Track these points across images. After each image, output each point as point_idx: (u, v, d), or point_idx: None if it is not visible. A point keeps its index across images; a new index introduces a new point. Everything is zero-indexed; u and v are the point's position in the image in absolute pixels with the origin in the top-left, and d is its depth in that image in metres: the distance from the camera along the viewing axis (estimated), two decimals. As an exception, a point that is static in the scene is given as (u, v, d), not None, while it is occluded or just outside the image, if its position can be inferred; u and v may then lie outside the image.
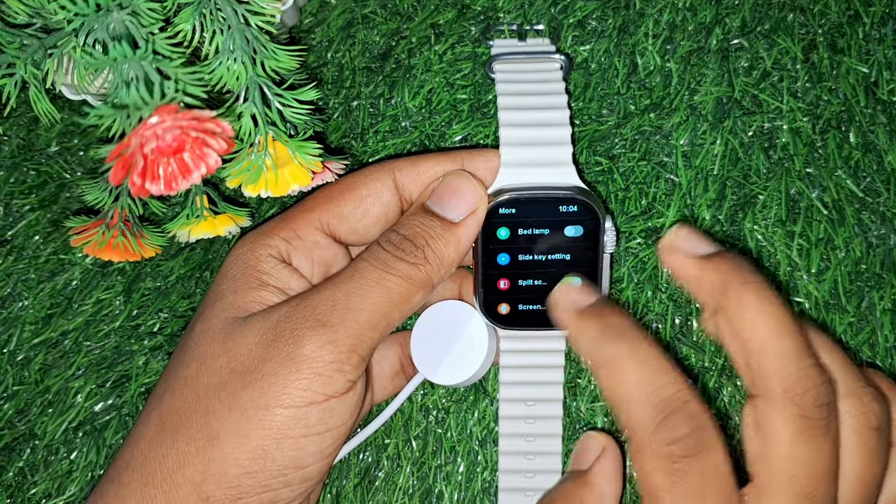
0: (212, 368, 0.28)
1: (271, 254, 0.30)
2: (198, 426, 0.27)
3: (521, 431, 0.33)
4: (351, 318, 0.27)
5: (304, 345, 0.27)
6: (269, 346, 0.27)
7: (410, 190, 0.31)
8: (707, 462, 0.23)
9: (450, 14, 0.38)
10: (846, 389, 0.25)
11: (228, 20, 0.29)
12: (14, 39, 0.28)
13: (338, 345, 0.27)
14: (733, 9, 0.36)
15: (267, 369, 0.27)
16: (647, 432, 0.24)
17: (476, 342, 0.32)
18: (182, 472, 0.27)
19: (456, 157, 0.31)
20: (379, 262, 0.29)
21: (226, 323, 0.29)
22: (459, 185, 0.30)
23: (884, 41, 0.35)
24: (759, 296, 0.24)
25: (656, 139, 0.35)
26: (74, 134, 0.39)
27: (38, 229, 0.38)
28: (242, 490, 0.26)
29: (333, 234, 0.31)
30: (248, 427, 0.27)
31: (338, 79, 0.38)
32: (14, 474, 0.36)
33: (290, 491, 0.27)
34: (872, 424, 0.25)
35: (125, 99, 0.25)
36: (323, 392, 0.27)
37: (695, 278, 0.26)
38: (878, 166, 0.34)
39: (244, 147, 0.30)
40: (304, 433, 0.27)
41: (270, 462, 0.27)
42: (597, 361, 0.26)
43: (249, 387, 0.27)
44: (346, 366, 0.27)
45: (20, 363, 0.37)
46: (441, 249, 0.29)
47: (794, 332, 0.24)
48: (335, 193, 0.31)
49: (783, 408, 0.24)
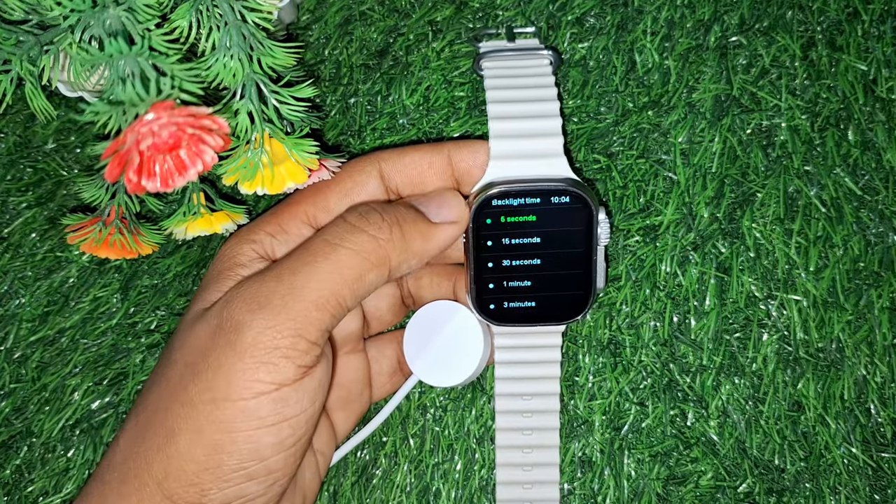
0: (171, 363, 0.28)
1: (253, 248, 0.30)
2: (159, 422, 0.27)
3: (518, 426, 0.33)
4: (294, 299, 0.26)
5: (243, 331, 0.26)
6: (213, 334, 0.26)
7: (396, 181, 0.31)
8: None
9: (447, 11, 0.37)
10: None
11: (225, 16, 0.28)
12: (10, 36, 0.28)
13: (279, 329, 0.26)
14: (732, 6, 0.36)
15: (211, 360, 0.26)
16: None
17: (471, 342, 0.32)
18: (148, 470, 0.26)
19: (442, 148, 0.31)
20: (332, 235, 0.27)
21: (192, 317, 0.28)
22: (448, 196, 0.30)
23: (883, 39, 0.35)
24: None
25: (655, 137, 0.35)
26: (71, 131, 0.39)
27: (35, 227, 0.38)
28: (203, 486, 0.26)
29: (320, 227, 0.31)
30: (198, 422, 0.26)
31: (335, 76, 0.38)
32: (11, 472, 0.36)
33: (256, 484, 0.26)
34: None
35: (121, 95, 0.25)
36: (271, 381, 0.26)
37: None
38: (876, 164, 0.34)
39: (241, 144, 0.30)
40: (256, 425, 0.26)
41: (226, 456, 0.26)
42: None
43: (197, 379, 0.26)
44: (293, 351, 0.26)
45: (17, 361, 0.37)
46: (410, 232, 0.28)
47: None
48: (321, 186, 0.31)
49: None
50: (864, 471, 0.33)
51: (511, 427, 0.33)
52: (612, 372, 0.34)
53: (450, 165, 0.31)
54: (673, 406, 0.34)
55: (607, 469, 0.34)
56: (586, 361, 0.34)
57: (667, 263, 0.34)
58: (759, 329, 0.34)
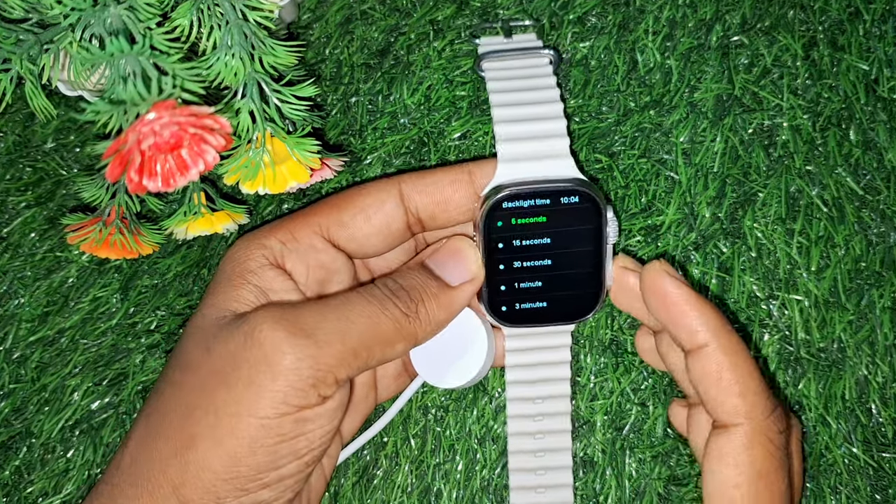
0: (192, 368, 0.28)
1: (263, 254, 0.30)
2: (177, 428, 0.27)
3: (530, 430, 0.32)
4: (337, 339, 0.27)
5: (285, 353, 0.26)
6: (246, 347, 0.27)
7: (417, 201, 0.31)
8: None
9: (448, 10, 0.37)
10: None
11: (226, 15, 0.28)
12: (10, 35, 0.28)
13: (318, 361, 0.26)
14: (734, 5, 0.36)
15: (243, 374, 0.27)
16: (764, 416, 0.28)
17: (476, 344, 0.32)
18: (163, 475, 0.26)
19: (463, 167, 0.31)
20: (373, 298, 0.28)
21: (210, 322, 0.29)
22: (461, 247, 0.31)
23: (884, 38, 0.35)
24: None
25: (656, 136, 0.35)
26: (71, 130, 0.39)
27: (35, 226, 0.38)
28: (219, 495, 0.26)
29: (332, 240, 0.31)
30: (220, 433, 0.26)
31: (336, 75, 0.38)
32: (10, 473, 0.36)
33: (269, 492, 0.27)
34: (800, 436, 0.30)
35: (122, 95, 0.25)
36: (296, 404, 0.26)
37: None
38: (878, 164, 0.34)
39: (242, 143, 0.30)
40: (277, 441, 0.27)
41: (244, 468, 0.26)
42: (724, 346, 0.28)
43: (225, 390, 0.27)
44: (322, 384, 0.27)
45: (16, 361, 0.37)
46: (433, 310, 0.29)
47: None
48: (338, 200, 0.31)
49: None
50: (865, 471, 0.33)
51: (522, 432, 0.32)
52: (613, 372, 0.34)
53: (472, 183, 0.31)
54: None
55: (609, 469, 0.34)
56: (588, 362, 0.34)
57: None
58: (761, 329, 0.34)
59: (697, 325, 0.28)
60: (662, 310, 0.29)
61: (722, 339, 0.28)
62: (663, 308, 0.29)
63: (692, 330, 0.28)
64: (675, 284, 0.29)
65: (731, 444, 0.27)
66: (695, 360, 0.28)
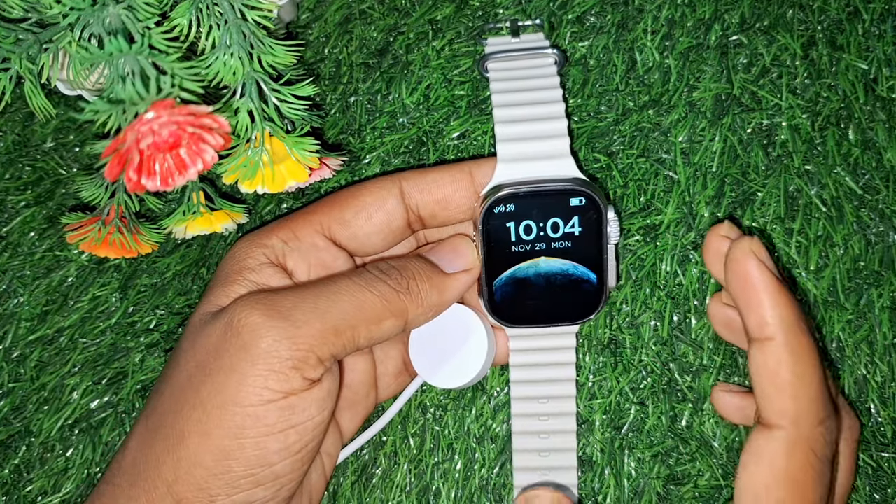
0: (181, 364, 0.28)
1: (264, 252, 0.30)
2: (170, 425, 0.27)
3: (535, 429, 0.32)
4: (316, 318, 0.27)
5: (262, 336, 0.26)
6: (226, 336, 0.27)
7: (417, 199, 0.31)
8: None
9: (448, 10, 0.37)
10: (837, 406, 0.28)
11: (225, 15, 0.28)
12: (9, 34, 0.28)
13: (297, 341, 0.26)
14: (732, 5, 0.36)
15: (224, 362, 0.26)
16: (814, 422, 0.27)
17: (476, 344, 0.32)
18: (158, 473, 0.26)
19: (463, 166, 0.31)
20: (360, 278, 0.28)
21: (200, 318, 0.29)
22: (458, 244, 0.31)
23: (883, 38, 0.35)
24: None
25: (655, 136, 0.35)
26: (70, 130, 0.39)
27: (34, 226, 0.38)
28: (212, 492, 0.26)
29: (334, 238, 0.31)
30: (208, 426, 0.26)
31: (335, 74, 0.38)
32: (10, 472, 0.36)
33: (264, 490, 0.27)
34: (857, 437, 0.29)
35: (121, 94, 0.25)
36: (280, 390, 0.26)
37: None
38: (877, 163, 0.34)
39: (241, 143, 0.30)
40: (264, 432, 0.26)
41: (234, 463, 0.26)
42: (791, 344, 0.27)
43: (208, 380, 0.26)
44: (304, 365, 0.26)
45: (16, 360, 0.37)
46: (425, 288, 0.29)
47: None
48: (339, 198, 0.31)
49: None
50: (864, 470, 0.33)
51: (527, 431, 0.32)
52: (612, 371, 0.34)
53: (472, 182, 0.31)
54: (671, 407, 0.34)
55: (608, 468, 0.34)
56: (587, 361, 0.34)
57: (667, 263, 0.34)
58: (760, 328, 0.34)
59: (769, 316, 0.26)
60: (740, 290, 0.27)
61: (790, 337, 0.26)
62: (741, 289, 0.27)
63: (762, 320, 0.26)
64: (759, 268, 0.27)
65: (769, 446, 0.26)
66: (757, 350, 0.27)
